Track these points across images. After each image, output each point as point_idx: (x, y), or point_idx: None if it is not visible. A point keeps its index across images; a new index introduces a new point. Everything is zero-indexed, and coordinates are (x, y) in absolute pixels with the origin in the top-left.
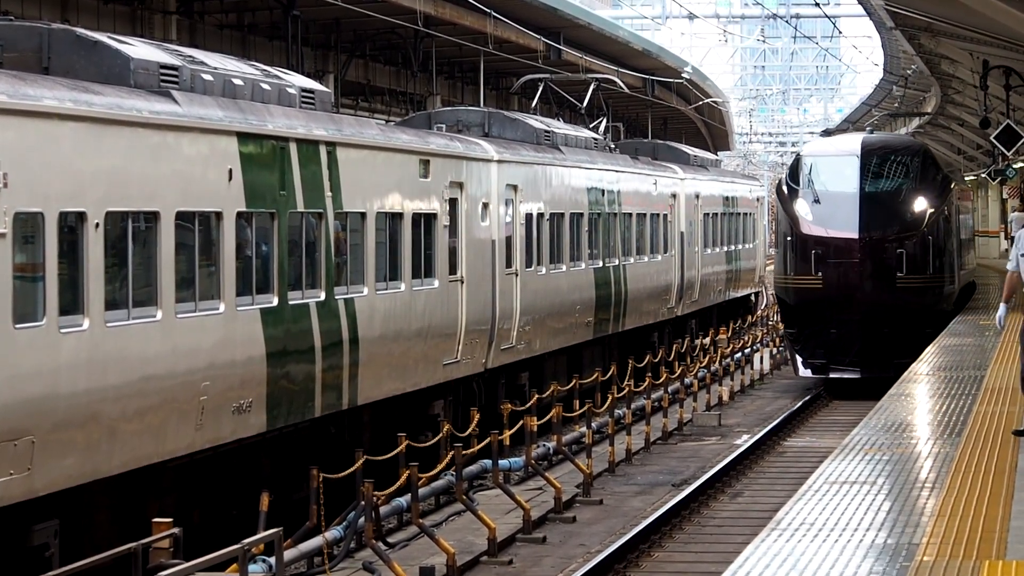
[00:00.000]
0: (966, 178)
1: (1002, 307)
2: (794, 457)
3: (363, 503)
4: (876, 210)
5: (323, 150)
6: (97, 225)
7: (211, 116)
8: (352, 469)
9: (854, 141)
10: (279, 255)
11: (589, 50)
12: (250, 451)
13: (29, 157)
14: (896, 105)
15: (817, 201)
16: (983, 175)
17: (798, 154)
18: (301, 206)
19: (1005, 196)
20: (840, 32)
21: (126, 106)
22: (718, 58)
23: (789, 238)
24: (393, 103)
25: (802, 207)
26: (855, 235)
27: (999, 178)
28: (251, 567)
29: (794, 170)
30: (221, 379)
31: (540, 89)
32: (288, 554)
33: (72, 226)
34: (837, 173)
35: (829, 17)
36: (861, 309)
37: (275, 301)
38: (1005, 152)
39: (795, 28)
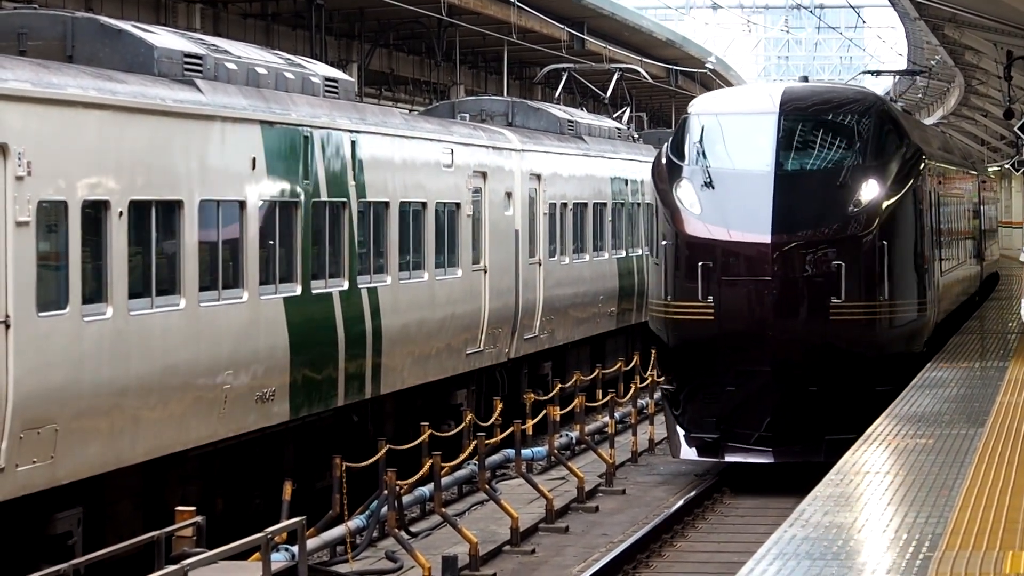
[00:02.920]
0: (989, 168)
1: None
2: None
3: (386, 492)
4: (800, 200)
5: (346, 139)
6: (121, 214)
7: (235, 105)
8: (375, 458)
9: (771, 94)
10: (302, 244)
11: (613, 40)
12: (273, 440)
13: (53, 145)
14: (920, 96)
15: (709, 185)
16: (1007, 166)
17: (686, 113)
18: (324, 195)
19: None
20: (864, 22)
21: (150, 95)
22: (742, 48)
23: (666, 243)
24: (416, 92)
25: (686, 194)
26: (766, 239)
27: (1022, 168)
28: (274, 556)
29: (679, 138)
30: (244, 368)
31: (564, 79)
32: (311, 543)
33: (96, 215)
34: (742, 142)
35: (854, 7)
36: (775, 355)
37: (298, 290)
38: None
39: (819, 18)
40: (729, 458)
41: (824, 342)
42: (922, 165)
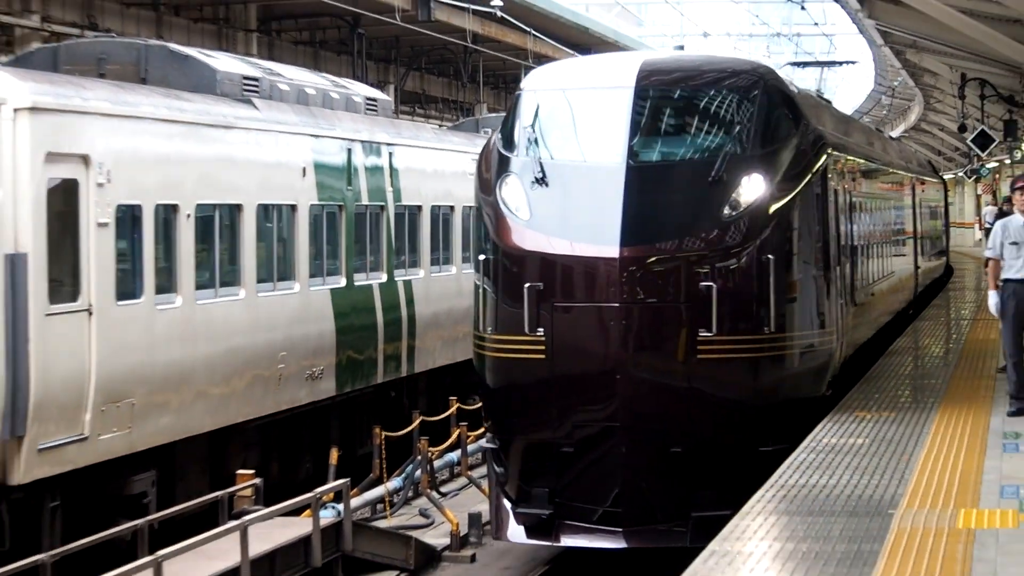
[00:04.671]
0: (945, 176)
1: (992, 294)
2: None
3: (419, 457)
4: (660, 201)
5: (384, 151)
6: (188, 216)
7: (287, 121)
8: (410, 428)
9: (628, 64)
10: (346, 242)
11: None
12: (321, 412)
13: (129, 156)
14: (885, 112)
15: (541, 182)
16: (960, 174)
17: (519, 89)
18: (365, 199)
19: (979, 192)
20: (835, 48)
21: (213, 112)
22: None
23: (484, 257)
24: (445, 110)
25: (512, 194)
26: (612, 252)
27: (974, 176)
28: (322, 512)
29: (509, 121)
30: (296, 350)
31: None
32: (354, 502)
33: (166, 216)
34: (586, 126)
35: (827, 36)
36: (625, 406)
37: (343, 282)
38: (980, 154)
39: (796, 44)
40: (566, 541)
41: (690, 388)
42: (824, 156)
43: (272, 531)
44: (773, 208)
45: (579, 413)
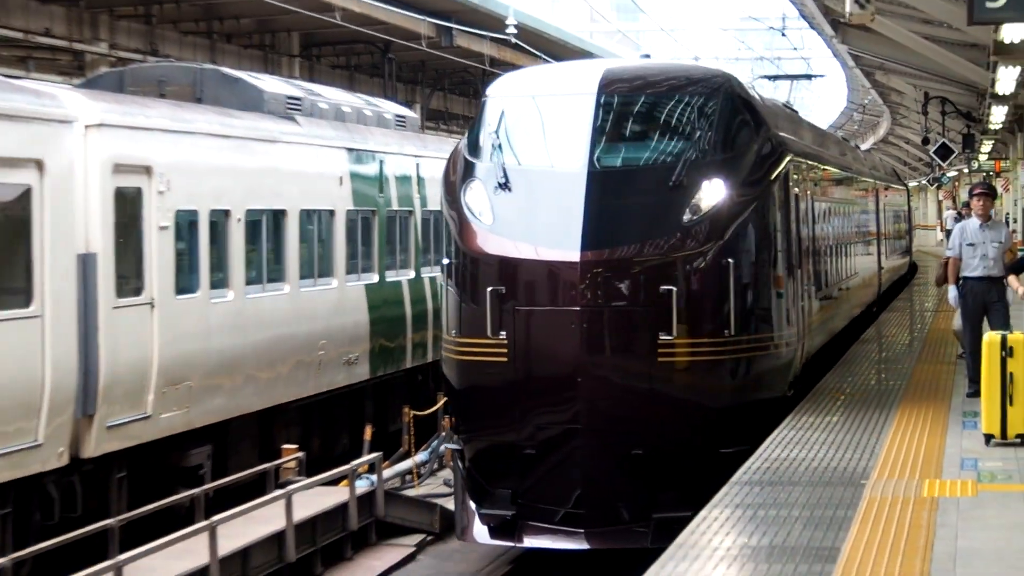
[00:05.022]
0: (910, 184)
1: (952, 288)
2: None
3: (443, 433)
4: (621, 206)
5: (412, 162)
6: (239, 219)
7: (325, 135)
8: (435, 408)
9: (591, 72)
10: (378, 243)
11: None
12: (357, 394)
13: (186, 167)
14: (856, 128)
15: (505, 187)
16: (924, 182)
17: (484, 95)
18: (395, 205)
19: (940, 198)
20: (812, 69)
21: (260, 128)
22: None
23: (449, 261)
24: (466, 126)
25: (476, 199)
26: (573, 256)
27: (936, 184)
28: (358, 482)
29: (475, 128)
30: (335, 339)
31: None
32: (386, 473)
33: (219, 220)
34: (549, 133)
35: (804, 59)
36: (586, 408)
37: (376, 278)
38: (941, 164)
39: (777, 67)
40: (529, 542)
41: (650, 391)
42: (785, 162)
43: (313, 499)
44: (733, 212)
45: (541, 416)
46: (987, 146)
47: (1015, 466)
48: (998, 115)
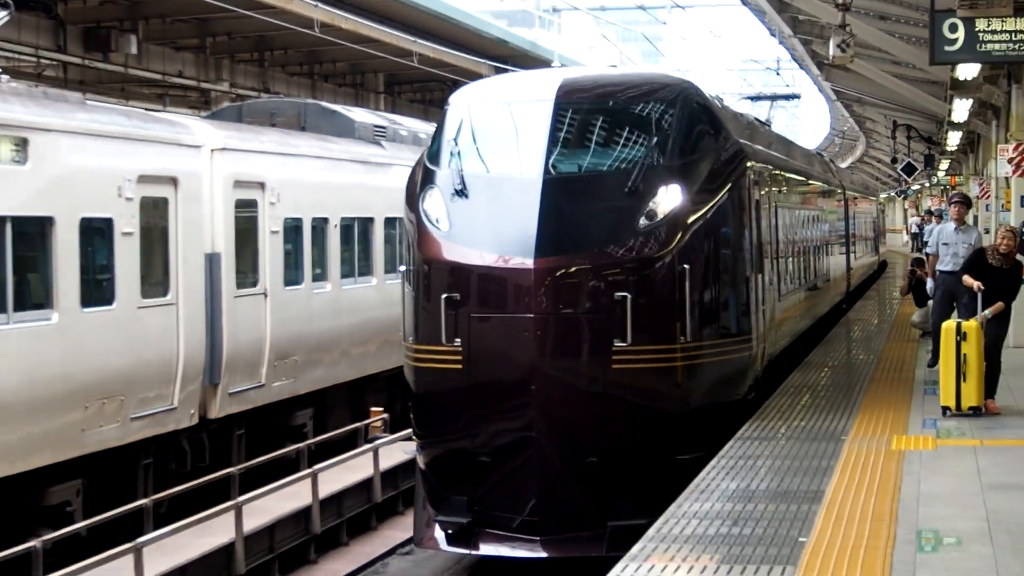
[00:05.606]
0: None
1: (930, 281)
2: None
3: None
4: (576, 212)
5: None
6: (335, 225)
7: (405, 157)
8: None
9: (551, 79)
10: None
11: None
12: None
13: (292, 182)
14: (837, 150)
15: (461, 194)
16: (893, 194)
17: (447, 104)
18: None
19: (906, 207)
20: (800, 104)
21: (352, 151)
22: None
23: (405, 268)
24: None
25: (434, 206)
26: (527, 263)
27: (903, 195)
28: None
29: (436, 136)
30: None
31: None
32: None
33: (319, 226)
34: (507, 140)
35: (796, 95)
36: (541, 416)
37: None
38: (907, 179)
39: (771, 102)
40: (485, 549)
41: (605, 398)
42: (745, 168)
43: (396, 452)
44: (690, 218)
45: (495, 423)
46: (944, 164)
47: (967, 426)
48: (953, 139)
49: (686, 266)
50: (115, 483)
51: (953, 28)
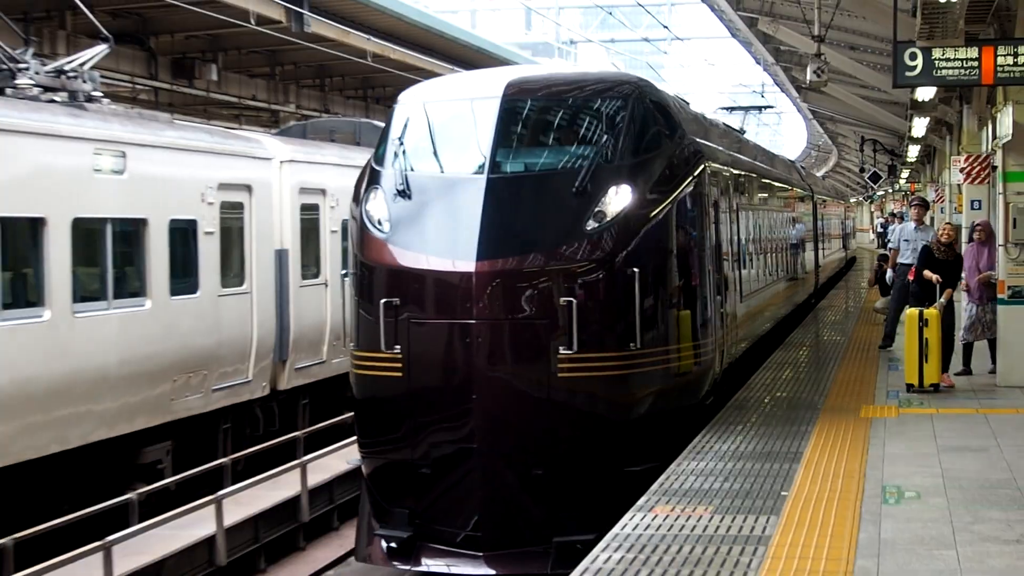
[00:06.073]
0: (852, 200)
1: (890, 271)
2: None
3: None
4: (521, 213)
5: None
6: None
7: None
8: None
9: (500, 77)
10: None
11: None
12: None
13: (349, 190)
14: (812, 161)
15: (404, 195)
16: (861, 199)
17: (394, 103)
18: None
19: (872, 210)
20: (782, 121)
21: None
22: None
23: (347, 272)
24: None
25: (376, 207)
26: (468, 266)
27: (869, 200)
28: None
29: (383, 137)
30: None
31: None
32: None
33: None
34: (452, 139)
35: (778, 113)
36: (483, 426)
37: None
38: (872, 186)
39: (758, 117)
40: (427, 564)
41: (550, 408)
42: (701, 168)
43: None
44: (641, 220)
45: (436, 433)
46: (905, 173)
47: (926, 398)
48: (913, 152)
49: (636, 269)
50: (199, 445)
51: (913, 56)
